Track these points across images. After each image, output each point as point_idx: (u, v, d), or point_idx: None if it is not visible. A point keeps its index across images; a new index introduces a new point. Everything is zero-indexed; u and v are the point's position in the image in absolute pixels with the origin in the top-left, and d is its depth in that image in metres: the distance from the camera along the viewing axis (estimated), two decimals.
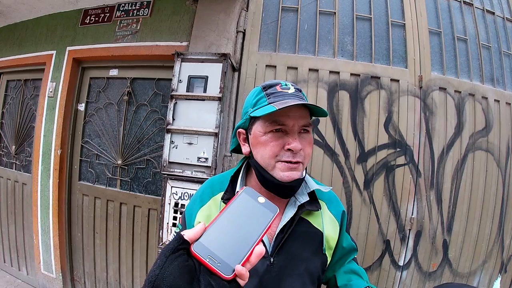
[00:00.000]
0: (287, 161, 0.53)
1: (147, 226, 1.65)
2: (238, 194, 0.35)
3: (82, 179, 1.84)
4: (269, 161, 0.54)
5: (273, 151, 0.54)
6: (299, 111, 0.54)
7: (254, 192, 0.35)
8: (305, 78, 1.47)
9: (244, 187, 0.36)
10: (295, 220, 0.58)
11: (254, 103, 0.57)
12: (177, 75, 1.38)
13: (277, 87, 0.56)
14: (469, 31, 1.71)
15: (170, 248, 0.28)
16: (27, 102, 2.10)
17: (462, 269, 1.60)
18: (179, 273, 0.27)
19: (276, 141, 0.54)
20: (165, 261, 0.27)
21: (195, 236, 0.30)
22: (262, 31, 1.53)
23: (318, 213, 0.62)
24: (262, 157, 0.55)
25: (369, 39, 1.55)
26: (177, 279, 0.26)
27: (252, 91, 0.61)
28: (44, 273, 1.89)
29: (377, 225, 1.47)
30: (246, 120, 0.59)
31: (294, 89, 0.57)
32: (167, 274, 0.26)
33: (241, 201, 0.34)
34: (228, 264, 0.28)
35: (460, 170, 1.56)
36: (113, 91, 1.77)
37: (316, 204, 0.62)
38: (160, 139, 1.62)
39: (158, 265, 0.27)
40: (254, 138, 0.56)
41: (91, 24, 1.81)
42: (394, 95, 1.50)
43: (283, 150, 0.54)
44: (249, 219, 0.32)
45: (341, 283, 0.67)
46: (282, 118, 0.53)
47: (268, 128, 0.54)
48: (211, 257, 0.28)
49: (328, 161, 1.45)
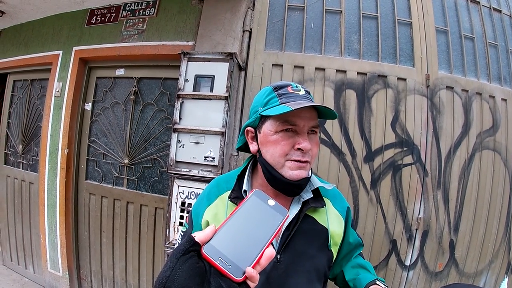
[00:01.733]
0: (296, 160, 0.55)
1: (153, 225, 1.66)
2: (248, 197, 0.35)
3: (89, 178, 1.85)
4: (279, 159, 0.56)
5: (283, 150, 0.55)
6: (310, 113, 0.56)
7: (264, 194, 0.35)
8: (311, 77, 1.47)
9: (254, 190, 0.36)
10: (300, 217, 0.59)
11: (265, 103, 0.58)
12: (184, 74, 1.38)
13: (288, 88, 0.58)
14: (476, 29, 1.70)
15: (181, 250, 0.28)
16: (33, 102, 2.12)
17: (469, 269, 1.59)
18: (189, 274, 0.27)
19: (287, 140, 0.55)
20: (176, 262, 0.27)
21: (206, 238, 0.30)
22: (268, 30, 1.53)
23: (323, 210, 0.63)
24: (272, 156, 0.56)
25: (376, 38, 1.54)
26: (187, 280, 0.26)
27: (262, 91, 0.62)
28: (51, 272, 1.91)
29: (383, 225, 1.47)
30: (256, 119, 0.60)
31: (304, 91, 0.59)
32: (177, 275, 0.26)
33: (251, 204, 0.34)
34: (239, 266, 0.28)
35: (467, 170, 1.55)
36: (119, 91, 1.78)
37: (321, 201, 0.63)
38: (167, 138, 1.62)
39: (168, 267, 0.27)
40: (264, 136, 0.58)
41: (97, 24, 1.82)
42: (401, 94, 1.49)
43: (293, 149, 0.55)
44: (259, 222, 0.32)
45: (349, 278, 0.68)
46: (294, 118, 0.54)
47: (279, 128, 0.55)
48: (221, 259, 0.28)
49: (335, 160, 1.45)
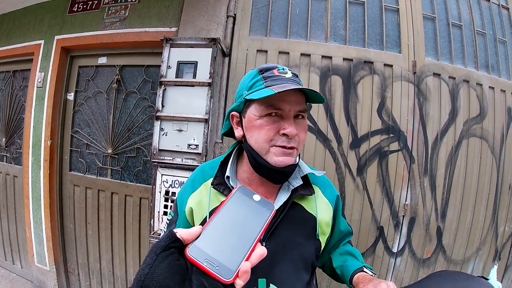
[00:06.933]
0: (281, 145, 0.52)
1: (139, 215, 1.64)
2: (232, 194, 0.33)
3: (73, 170, 1.81)
4: (263, 145, 0.53)
5: (268, 135, 0.52)
6: (296, 96, 0.53)
7: (249, 190, 0.34)
8: (297, 63, 1.44)
9: (237, 186, 0.35)
10: (288, 204, 0.57)
11: (249, 86, 0.56)
12: (166, 61, 1.35)
13: (274, 71, 0.55)
14: (464, 17, 1.69)
15: (161, 245, 0.26)
16: (16, 94, 2.07)
17: (456, 256, 1.60)
18: (170, 272, 0.25)
19: (272, 125, 0.52)
20: (155, 259, 0.25)
21: (189, 237, 0.28)
22: (253, 16, 1.50)
23: (311, 197, 0.62)
24: (256, 141, 0.54)
25: (362, 24, 1.52)
26: (167, 278, 0.24)
27: (248, 74, 0.59)
28: (38, 266, 1.88)
29: (370, 212, 1.46)
30: (241, 103, 0.57)
31: (291, 74, 0.56)
32: (157, 273, 0.24)
33: (236, 200, 0.32)
34: (227, 267, 0.26)
35: (454, 157, 1.55)
36: (102, 80, 1.74)
37: (310, 189, 0.61)
38: (150, 127, 1.59)
39: (147, 263, 0.25)
40: (249, 121, 0.55)
41: (79, 12, 1.77)
42: (387, 80, 1.48)
43: (278, 134, 0.52)
44: (245, 219, 0.31)
45: (337, 264, 0.67)
46: (279, 102, 0.52)
47: (263, 112, 0.53)
48: (208, 261, 0.26)
49: (320, 146, 1.44)
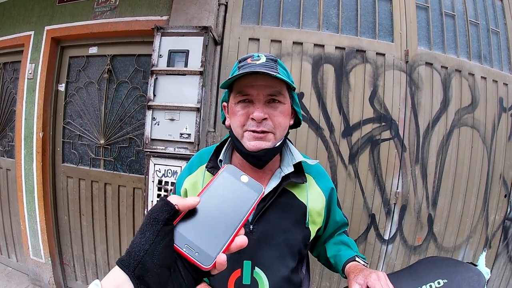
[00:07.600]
0: (251, 130, 0.54)
1: (132, 205, 1.64)
2: (218, 174, 0.31)
3: (66, 161, 1.80)
4: (238, 130, 0.56)
5: (239, 120, 0.55)
6: (265, 81, 0.53)
7: (237, 170, 0.31)
8: (289, 51, 1.44)
9: (225, 165, 0.32)
10: (278, 190, 0.58)
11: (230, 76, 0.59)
12: (157, 50, 1.34)
13: (248, 60, 0.57)
14: (457, 7, 1.69)
15: (161, 219, 0.24)
16: (7, 86, 2.04)
17: (447, 243, 1.62)
18: (169, 252, 0.23)
19: (242, 110, 0.55)
20: (156, 235, 0.23)
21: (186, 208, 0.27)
22: (245, 4, 1.48)
23: (303, 186, 0.62)
24: (233, 127, 0.57)
25: (355, 12, 1.51)
26: (166, 258, 0.23)
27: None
28: (33, 259, 1.88)
29: (362, 199, 1.48)
30: (225, 93, 0.62)
31: (265, 60, 0.56)
32: (157, 251, 0.23)
33: (222, 181, 0.30)
34: (207, 253, 0.25)
35: (446, 146, 1.57)
36: (93, 70, 1.72)
37: (302, 177, 0.62)
38: (142, 117, 1.58)
39: (147, 238, 0.23)
40: (230, 109, 0.59)
41: (69, 2, 1.74)
42: (379, 69, 1.48)
43: (249, 119, 0.54)
44: (231, 201, 0.29)
45: (331, 254, 0.68)
46: (246, 88, 0.54)
47: (236, 99, 0.55)
48: (188, 246, 0.25)
49: (312, 135, 1.44)
